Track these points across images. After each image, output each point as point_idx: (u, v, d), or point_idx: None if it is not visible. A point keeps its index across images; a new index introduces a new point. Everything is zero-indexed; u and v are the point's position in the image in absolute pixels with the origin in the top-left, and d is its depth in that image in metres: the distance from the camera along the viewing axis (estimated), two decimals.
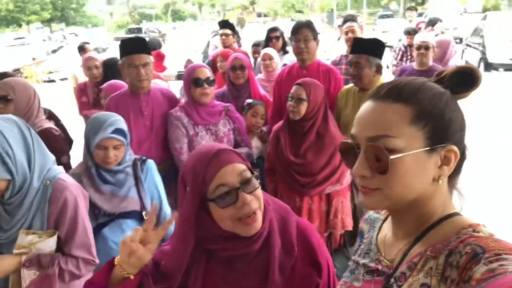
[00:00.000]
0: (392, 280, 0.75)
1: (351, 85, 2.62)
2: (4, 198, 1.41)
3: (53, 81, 14.61)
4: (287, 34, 4.00)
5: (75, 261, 1.49)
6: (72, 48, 16.81)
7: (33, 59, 16.74)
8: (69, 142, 2.60)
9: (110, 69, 3.55)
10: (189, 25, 31.70)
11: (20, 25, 36.06)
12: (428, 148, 0.70)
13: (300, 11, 34.01)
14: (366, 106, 0.76)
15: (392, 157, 0.69)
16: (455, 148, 0.72)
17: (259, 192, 0.98)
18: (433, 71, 3.09)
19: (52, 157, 1.53)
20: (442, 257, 0.68)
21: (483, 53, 10.07)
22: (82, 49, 5.65)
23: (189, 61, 4.08)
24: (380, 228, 0.89)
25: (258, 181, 0.98)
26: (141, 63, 2.37)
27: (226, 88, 3.12)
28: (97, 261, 1.55)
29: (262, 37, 4.64)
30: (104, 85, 3.03)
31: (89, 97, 3.70)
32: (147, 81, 2.44)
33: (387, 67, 7.95)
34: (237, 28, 6.69)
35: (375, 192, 0.73)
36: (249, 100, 2.90)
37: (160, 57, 4.85)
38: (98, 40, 22.86)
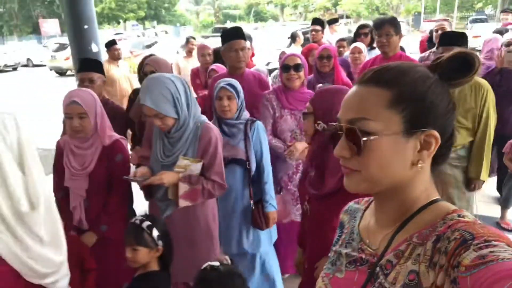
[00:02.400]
0: (377, 268, 0.75)
1: None
2: (169, 132, 2.00)
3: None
4: None
5: (212, 183, 2.03)
6: (165, 44, 18.52)
7: (131, 52, 18.62)
8: None
9: (218, 56, 4.17)
10: (271, 26, 32.62)
11: (118, 22, 39.73)
12: (405, 132, 0.70)
13: (384, 14, 33.27)
14: (351, 90, 0.77)
15: (364, 138, 0.70)
16: (435, 133, 0.71)
17: None
18: None
19: (199, 108, 2.10)
20: (430, 243, 0.68)
21: None
22: (187, 41, 6.46)
23: (283, 53, 4.58)
24: (361, 217, 0.89)
25: None
26: (239, 47, 2.79)
27: (313, 76, 3.54)
28: (226, 186, 2.09)
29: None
30: (213, 65, 3.65)
31: (201, 80, 4.37)
32: (244, 62, 2.84)
33: None
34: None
35: (355, 173, 0.74)
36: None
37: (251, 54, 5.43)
38: (185, 37, 24.61)
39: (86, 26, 4.58)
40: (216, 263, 1.47)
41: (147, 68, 2.84)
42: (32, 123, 7.51)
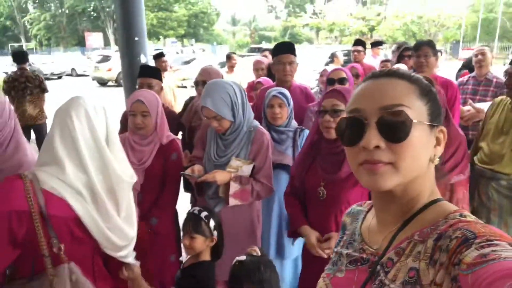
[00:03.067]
0: (378, 267, 0.75)
1: (503, 97, 2.80)
2: (224, 134, 2.13)
3: (185, 87, 16.73)
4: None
5: (261, 185, 2.14)
6: (203, 61, 19.14)
7: (170, 67, 19.36)
8: None
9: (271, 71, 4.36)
10: (306, 48, 33.03)
11: (158, 39, 41.29)
12: (430, 124, 0.73)
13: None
14: (371, 82, 0.76)
15: (414, 120, 0.70)
16: (444, 129, 0.76)
17: None
18: None
19: (253, 114, 2.23)
20: (431, 241, 0.68)
21: None
22: (228, 57, 6.69)
23: (325, 70, 4.70)
24: (364, 218, 0.89)
25: None
26: (287, 61, 2.90)
27: None
28: (274, 189, 2.19)
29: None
30: (259, 78, 3.81)
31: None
32: (290, 76, 2.95)
33: None
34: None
35: (387, 167, 0.71)
36: None
37: None
38: (221, 55, 25.35)
39: (136, 38, 4.88)
40: (243, 257, 1.56)
41: (199, 78, 3.02)
42: None
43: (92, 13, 46.13)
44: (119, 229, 1.37)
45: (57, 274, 1.24)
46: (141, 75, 3.00)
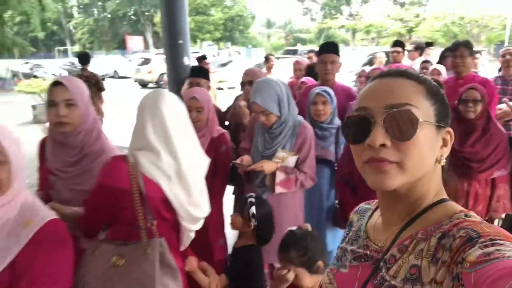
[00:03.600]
0: (381, 263, 0.75)
1: None
2: (271, 128, 2.32)
3: (221, 89, 17.15)
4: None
5: (304, 175, 2.31)
6: (238, 63, 19.52)
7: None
8: None
9: (310, 70, 4.51)
10: (341, 49, 32.75)
11: (195, 42, 42.25)
12: (436, 125, 0.73)
13: None
14: (379, 82, 0.77)
15: (420, 119, 0.70)
16: (451, 131, 0.76)
17: None
18: None
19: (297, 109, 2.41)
20: (434, 239, 0.68)
21: None
22: (267, 59, 6.90)
23: (363, 71, 4.83)
24: (370, 216, 0.90)
25: None
26: (329, 60, 3.01)
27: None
28: (316, 180, 2.35)
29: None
30: (303, 78, 3.99)
31: (294, 93, 4.74)
32: (331, 74, 3.04)
33: None
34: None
35: (392, 166, 0.71)
36: None
37: None
38: (256, 58, 25.67)
39: (180, 41, 5.15)
40: (294, 228, 1.78)
41: (246, 78, 3.22)
42: (119, 126, 8.37)
43: (132, 17, 47.88)
44: (197, 204, 1.62)
45: (150, 245, 1.48)
46: (192, 75, 3.25)
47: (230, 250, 2.29)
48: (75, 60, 24.90)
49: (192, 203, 1.59)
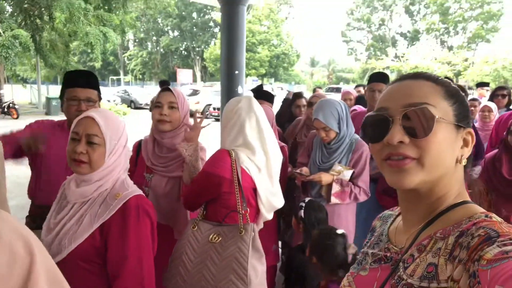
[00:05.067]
0: (400, 264, 0.76)
1: None
2: (329, 143, 2.55)
3: None
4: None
5: (359, 189, 2.49)
6: (281, 98, 20.12)
7: None
8: None
9: (360, 101, 4.75)
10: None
11: None
12: (455, 124, 0.74)
13: None
14: (398, 84, 0.80)
15: (437, 117, 0.71)
16: (473, 132, 0.76)
17: None
18: None
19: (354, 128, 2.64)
20: (452, 238, 0.68)
21: None
22: (314, 91, 7.22)
23: None
24: (393, 221, 0.91)
25: None
26: (377, 89, 3.23)
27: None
28: (369, 194, 2.53)
29: None
30: (354, 106, 4.24)
31: None
32: None
33: None
34: None
35: (412, 164, 0.72)
36: None
37: None
38: None
39: (236, 72, 5.58)
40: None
41: (314, 99, 3.45)
42: None
43: (183, 52, 50.59)
44: (276, 193, 1.92)
45: (245, 228, 1.74)
46: (256, 97, 3.58)
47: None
48: (128, 88, 26.71)
49: (273, 193, 1.86)
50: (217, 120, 17.45)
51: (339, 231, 1.89)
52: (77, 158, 1.35)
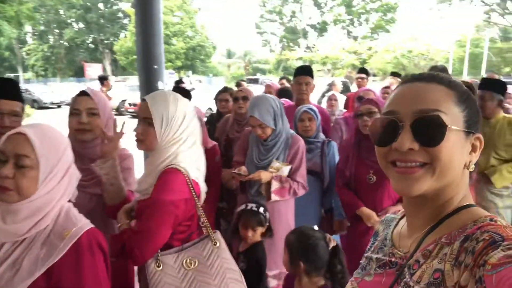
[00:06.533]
0: (405, 269, 0.74)
1: None
2: (266, 140, 2.49)
3: None
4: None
5: (297, 184, 2.48)
6: (202, 90, 19.83)
7: None
8: None
9: (284, 94, 4.72)
10: None
11: None
12: (465, 131, 0.72)
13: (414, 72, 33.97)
14: (409, 86, 0.76)
15: (449, 126, 0.69)
16: (481, 137, 0.75)
17: None
18: None
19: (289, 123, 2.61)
20: (457, 243, 0.67)
21: None
22: (238, 85, 7.15)
23: (333, 95, 5.19)
24: (396, 225, 0.90)
25: None
26: (304, 81, 3.29)
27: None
28: (308, 188, 2.53)
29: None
30: (281, 99, 4.24)
31: None
32: (306, 94, 3.30)
33: None
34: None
35: (422, 169, 0.71)
36: None
37: None
38: (217, 86, 26.22)
39: (155, 66, 5.28)
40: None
41: (240, 94, 3.34)
42: None
43: (90, 45, 47.21)
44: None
45: (216, 237, 1.62)
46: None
47: None
48: (29, 87, 24.18)
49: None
50: (133, 116, 16.59)
51: (312, 227, 1.85)
52: (1, 184, 1.13)
